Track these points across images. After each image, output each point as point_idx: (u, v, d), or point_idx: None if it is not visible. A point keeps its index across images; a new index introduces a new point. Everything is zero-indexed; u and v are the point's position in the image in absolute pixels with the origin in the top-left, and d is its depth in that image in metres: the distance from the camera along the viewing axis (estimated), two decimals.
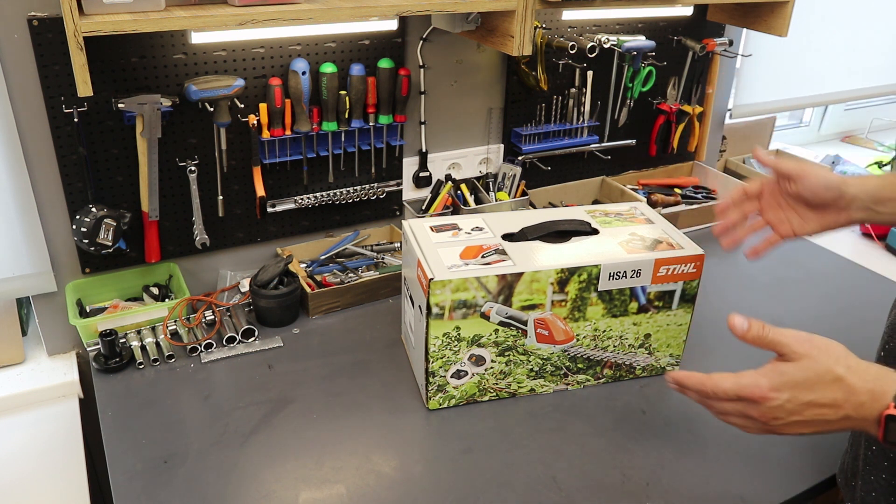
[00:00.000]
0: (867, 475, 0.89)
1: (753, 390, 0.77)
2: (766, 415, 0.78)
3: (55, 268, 1.32)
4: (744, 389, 0.78)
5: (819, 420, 0.76)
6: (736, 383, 0.79)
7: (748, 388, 0.78)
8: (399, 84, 1.47)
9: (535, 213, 1.27)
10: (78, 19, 0.96)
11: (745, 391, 0.78)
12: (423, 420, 1.16)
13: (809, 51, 2.23)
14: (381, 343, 1.35)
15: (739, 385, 0.78)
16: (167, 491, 1.01)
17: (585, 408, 1.20)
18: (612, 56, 1.73)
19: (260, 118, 1.37)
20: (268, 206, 1.47)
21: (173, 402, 1.19)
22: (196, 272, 1.47)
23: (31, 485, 1.23)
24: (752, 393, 0.77)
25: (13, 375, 1.33)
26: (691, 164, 2.04)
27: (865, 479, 0.89)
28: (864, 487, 0.89)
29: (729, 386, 0.79)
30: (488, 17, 1.35)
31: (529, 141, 1.71)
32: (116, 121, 1.26)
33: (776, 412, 0.77)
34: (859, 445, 0.92)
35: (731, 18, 1.72)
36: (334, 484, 1.03)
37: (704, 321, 1.41)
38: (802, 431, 0.78)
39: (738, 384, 0.79)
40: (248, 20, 1.08)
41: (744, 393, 0.78)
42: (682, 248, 1.18)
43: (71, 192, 1.27)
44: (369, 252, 1.57)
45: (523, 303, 1.12)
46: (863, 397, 0.73)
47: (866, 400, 0.73)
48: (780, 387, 0.76)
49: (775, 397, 0.76)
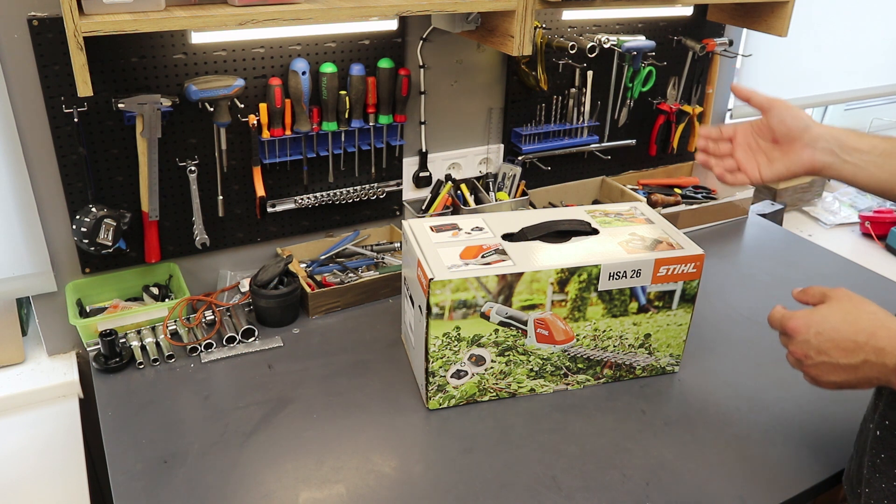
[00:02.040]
0: (878, 482, 0.88)
1: (789, 322, 0.85)
2: (797, 350, 0.84)
3: (55, 268, 1.32)
4: (784, 318, 0.86)
5: (843, 364, 0.80)
6: (781, 311, 0.87)
7: (787, 318, 0.85)
8: (399, 84, 1.47)
9: (535, 213, 1.27)
10: (78, 19, 0.96)
11: (784, 320, 0.86)
12: (423, 420, 1.16)
13: (809, 51, 2.23)
14: (381, 343, 1.35)
15: (783, 313, 0.87)
16: (167, 491, 1.01)
17: (585, 408, 1.20)
18: (612, 56, 1.73)
19: (260, 118, 1.37)
20: (268, 206, 1.47)
21: (173, 402, 1.19)
22: (196, 272, 1.47)
23: (31, 485, 1.23)
24: (786, 324, 0.85)
25: (13, 375, 1.33)
26: (691, 164, 2.04)
27: (875, 487, 0.88)
28: (873, 495, 0.88)
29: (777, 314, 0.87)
30: (488, 17, 1.35)
31: (529, 141, 1.71)
32: (116, 121, 1.26)
33: (805, 348, 0.83)
34: (864, 453, 0.91)
35: (731, 18, 1.72)
36: (334, 484, 1.03)
37: (704, 321, 1.42)
38: (833, 378, 0.82)
39: (783, 312, 0.87)
40: (248, 20, 1.08)
41: (784, 322, 0.86)
42: (682, 248, 1.18)
43: (71, 192, 1.27)
44: (369, 252, 1.57)
45: (523, 303, 1.12)
46: (882, 342, 0.77)
47: (886, 345, 0.77)
48: (810, 323, 0.83)
49: (804, 331, 0.83)
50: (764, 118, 1.03)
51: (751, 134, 1.06)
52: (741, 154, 1.06)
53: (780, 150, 1.02)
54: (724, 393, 1.24)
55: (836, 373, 0.81)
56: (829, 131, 0.99)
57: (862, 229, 2.10)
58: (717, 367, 1.31)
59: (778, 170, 1.02)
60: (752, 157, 1.05)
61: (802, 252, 1.78)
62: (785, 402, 1.22)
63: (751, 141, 1.05)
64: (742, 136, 1.06)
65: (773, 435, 1.14)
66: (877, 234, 2.05)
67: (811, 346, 0.82)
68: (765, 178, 1.04)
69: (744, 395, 1.23)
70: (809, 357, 0.83)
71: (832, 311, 0.83)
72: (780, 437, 1.14)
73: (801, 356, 0.84)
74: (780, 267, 1.69)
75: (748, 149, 1.06)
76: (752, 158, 1.05)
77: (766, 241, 1.82)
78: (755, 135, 1.05)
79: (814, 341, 0.82)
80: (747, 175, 1.04)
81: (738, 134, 1.07)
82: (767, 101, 1.02)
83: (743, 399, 1.22)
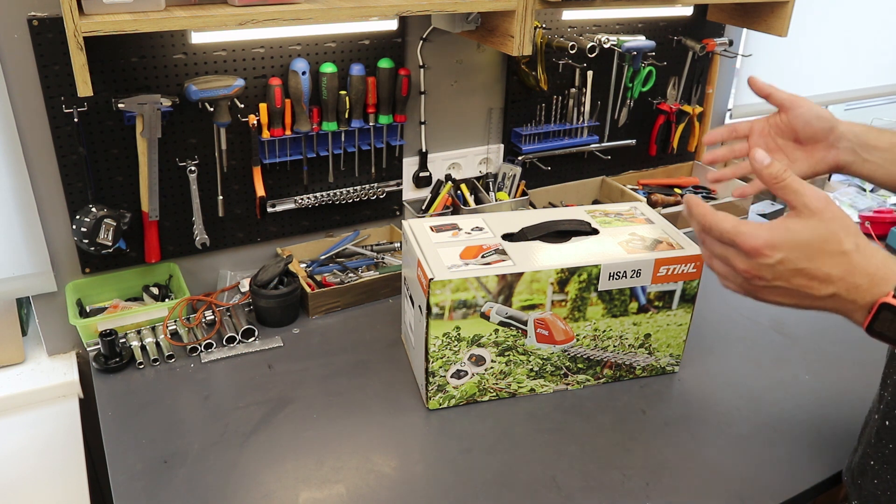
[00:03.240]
0: (883, 473, 0.86)
1: (748, 239, 0.71)
2: (750, 270, 0.73)
3: (55, 268, 1.32)
4: (740, 236, 0.72)
5: (803, 293, 0.71)
6: (735, 226, 0.73)
7: (745, 235, 0.72)
8: (399, 84, 1.47)
9: (535, 213, 1.27)
10: (78, 19, 0.96)
11: (740, 238, 0.72)
12: (423, 420, 1.16)
13: (809, 51, 2.23)
14: (381, 343, 1.35)
15: (738, 230, 0.72)
16: (167, 491, 1.01)
17: (585, 408, 1.20)
18: (612, 56, 1.73)
19: (260, 118, 1.37)
20: (268, 206, 1.47)
21: (173, 402, 1.19)
22: (196, 272, 1.47)
23: (31, 485, 1.23)
24: (745, 242, 0.72)
25: (13, 375, 1.33)
26: (691, 164, 2.04)
27: (882, 478, 0.87)
28: (880, 486, 0.87)
29: (729, 227, 0.73)
30: (488, 17, 1.35)
31: (529, 141, 1.71)
32: (116, 121, 1.26)
33: (762, 270, 0.72)
34: (869, 444, 0.91)
35: (731, 18, 1.72)
36: (334, 484, 1.03)
37: (704, 321, 1.42)
38: (780, 300, 0.73)
39: (737, 228, 0.73)
40: (248, 20, 1.08)
41: (739, 239, 0.72)
42: (682, 248, 1.18)
43: (71, 192, 1.27)
44: (369, 252, 1.57)
45: (523, 303, 1.12)
46: (860, 279, 0.70)
47: (863, 283, 0.70)
48: (779, 244, 0.71)
49: (769, 255, 0.71)
50: (784, 116, 0.98)
51: (768, 133, 1.00)
52: None
53: (804, 151, 0.97)
54: (724, 393, 1.24)
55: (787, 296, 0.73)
56: (851, 129, 0.95)
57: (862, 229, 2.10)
58: (717, 367, 1.31)
59: (801, 169, 0.97)
60: None
61: None
62: (785, 402, 1.22)
63: (769, 140, 1.00)
64: (759, 135, 1.01)
65: (773, 435, 1.14)
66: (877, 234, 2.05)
67: (770, 270, 0.71)
68: None
69: (744, 395, 1.23)
70: (762, 279, 0.72)
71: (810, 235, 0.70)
72: (780, 437, 1.14)
73: (751, 276, 0.72)
74: None
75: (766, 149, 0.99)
76: None
77: None
78: (774, 133, 1.00)
79: (777, 267, 0.70)
80: None
81: (755, 133, 1.01)
82: (790, 99, 0.97)
83: (743, 399, 1.22)
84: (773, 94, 0.99)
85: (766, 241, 0.71)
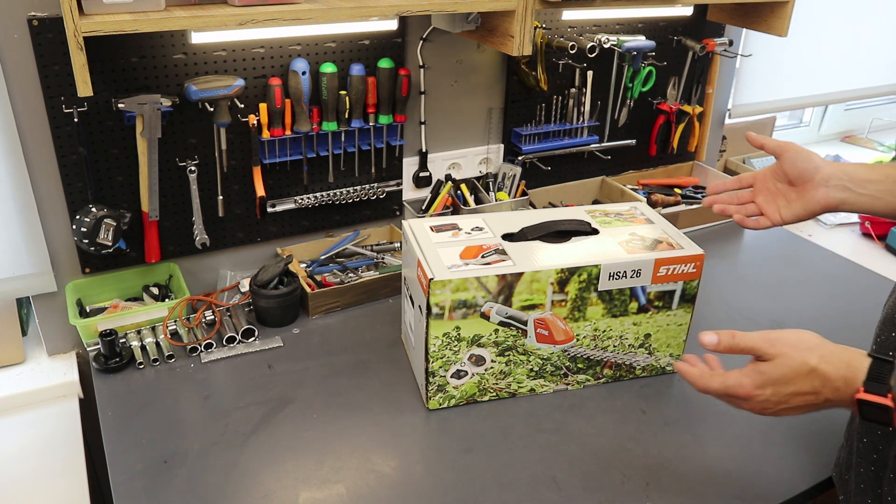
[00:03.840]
0: (859, 468, 0.91)
1: (738, 390, 0.84)
2: (755, 407, 0.85)
3: (55, 268, 1.32)
4: (730, 389, 0.85)
5: (805, 404, 0.82)
6: (722, 384, 0.85)
7: (734, 388, 0.84)
8: (399, 84, 1.47)
9: (535, 213, 1.27)
10: (78, 19, 0.96)
11: (731, 391, 0.85)
12: (423, 420, 1.16)
13: (809, 51, 2.23)
14: (381, 343, 1.35)
15: (725, 386, 0.85)
16: (167, 491, 1.01)
17: (585, 408, 1.20)
18: (612, 56, 1.73)
19: (260, 118, 1.37)
20: (268, 206, 1.47)
21: (173, 402, 1.19)
22: (196, 272, 1.47)
23: (31, 485, 1.23)
24: (737, 392, 0.84)
25: (13, 375, 1.33)
26: (691, 164, 2.04)
27: (857, 472, 0.91)
28: (855, 480, 0.92)
29: (717, 386, 0.86)
30: (488, 17, 1.35)
31: (529, 141, 1.71)
32: (116, 121, 1.26)
33: (764, 405, 0.84)
34: (853, 439, 0.94)
35: (731, 18, 1.72)
36: (334, 484, 1.03)
37: (704, 321, 1.41)
38: (794, 413, 0.85)
39: (725, 385, 0.85)
40: (248, 20, 1.08)
41: (731, 392, 0.85)
42: (682, 248, 1.18)
43: (71, 192, 1.27)
44: (369, 252, 1.57)
45: (523, 303, 1.12)
46: (837, 383, 0.79)
47: (840, 385, 0.79)
48: (762, 384, 0.83)
49: (759, 393, 0.83)
50: (778, 162, 1.07)
51: (770, 178, 1.09)
52: (762, 199, 1.09)
53: (796, 192, 1.05)
54: None
55: (797, 411, 0.84)
56: (839, 168, 1.02)
57: (862, 229, 2.10)
58: None
59: (796, 210, 1.05)
60: (772, 200, 1.07)
61: (802, 252, 1.78)
62: None
63: (770, 185, 1.08)
64: (762, 181, 1.09)
65: (773, 435, 1.14)
66: (877, 234, 2.05)
67: (770, 402, 0.83)
68: (784, 220, 1.06)
69: None
70: (769, 408, 0.84)
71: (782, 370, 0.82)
72: (780, 437, 1.14)
73: (760, 411, 0.85)
74: (780, 267, 1.69)
75: (768, 193, 1.08)
76: (772, 202, 1.07)
77: (766, 241, 1.82)
78: (773, 179, 1.08)
79: (773, 398, 0.83)
80: (769, 218, 1.07)
81: (758, 180, 1.10)
82: (779, 146, 1.06)
83: None
84: (766, 144, 1.09)
85: (752, 385, 0.83)
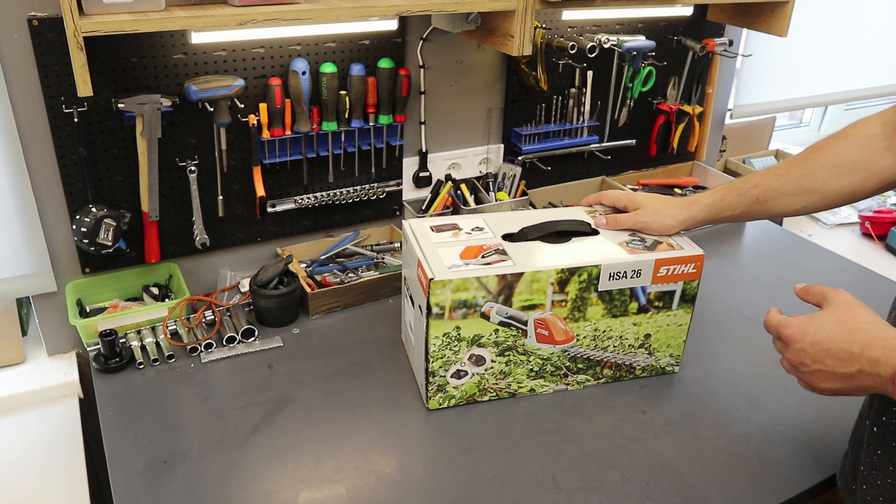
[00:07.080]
0: (872, 479, 0.88)
1: (784, 328, 0.85)
2: (793, 358, 0.84)
3: (55, 268, 1.32)
4: (779, 326, 0.86)
5: (837, 373, 0.80)
6: (778, 320, 0.87)
7: (782, 325, 0.85)
8: (399, 84, 1.47)
9: (535, 213, 1.27)
10: (78, 19, 0.96)
11: (780, 328, 0.86)
12: (423, 420, 1.16)
13: (810, 51, 2.23)
14: (381, 343, 1.35)
15: (779, 320, 0.87)
16: (167, 491, 1.01)
17: (585, 408, 1.20)
18: (612, 56, 1.73)
19: (260, 118, 1.37)
20: (268, 206, 1.47)
21: (173, 402, 1.19)
22: (196, 272, 1.47)
23: (32, 484, 1.23)
24: (782, 331, 0.85)
25: (13, 375, 1.33)
26: (691, 164, 2.04)
27: (870, 484, 0.89)
28: (869, 492, 0.89)
29: (773, 321, 0.87)
30: (488, 17, 1.35)
31: (529, 141, 1.71)
32: (116, 121, 1.26)
33: (801, 356, 0.83)
34: (860, 449, 0.92)
35: (731, 18, 1.72)
36: (334, 484, 1.03)
37: (704, 321, 1.42)
38: (828, 385, 0.83)
39: (779, 319, 0.87)
40: (248, 20, 1.08)
41: (779, 329, 0.86)
42: (682, 249, 1.18)
43: (71, 192, 1.27)
44: (369, 252, 1.57)
45: (523, 303, 1.12)
46: (877, 353, 0.77)
47: (881, 356, 0.76)
48: (806, 330, 0.83)
49: (800, 340, 0.83)
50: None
51: None
52: None
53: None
54: (724, 393, 1.24)
55: (831, 380, 0.82)
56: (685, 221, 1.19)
57: (862, 229, 2.10)
58: (717, 367, 1.31)
59: None
60: None
61: (802, 252, 1.78)
62: (785, 402, 1.22)
63: None
64: None
65: (773, 435, 1.14)
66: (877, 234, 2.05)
67: (807, 355, 0.83)
68: None
69: (744, 395, 1.23)
70: (805, 364, 0.83)
71: (828, 320, 0.82)
72: (780, 437, 1.14)
73: (797, 363, 0.84)
74: (780, 267, 1.69)
75: None
76: None
77: (766, 241, 1.82)
78: None
79: (809, 350, 0.82)
80: None
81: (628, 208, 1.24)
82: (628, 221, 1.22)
83: (743, 399, 1.22)
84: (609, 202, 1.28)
85: (797, 327, 0.84)
